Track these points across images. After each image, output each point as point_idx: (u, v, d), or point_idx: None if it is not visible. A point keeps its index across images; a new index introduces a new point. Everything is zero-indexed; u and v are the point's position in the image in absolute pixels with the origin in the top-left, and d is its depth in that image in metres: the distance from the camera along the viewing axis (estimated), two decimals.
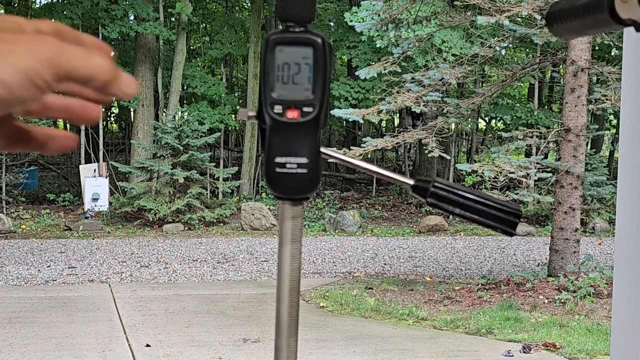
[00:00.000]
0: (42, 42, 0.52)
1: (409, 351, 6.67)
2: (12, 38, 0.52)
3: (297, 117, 0.72)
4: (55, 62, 0.52)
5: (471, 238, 15.06)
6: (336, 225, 15.62)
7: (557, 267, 9.46)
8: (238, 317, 7.81)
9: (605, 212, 16.48)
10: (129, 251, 12.65)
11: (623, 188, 2.33)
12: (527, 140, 10.04)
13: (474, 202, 0.76)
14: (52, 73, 0.52)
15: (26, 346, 6.60)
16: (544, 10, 8.88)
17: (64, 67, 0.52)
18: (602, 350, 6.74)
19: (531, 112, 18.52)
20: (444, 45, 13.81)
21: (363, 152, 10.01)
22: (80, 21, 18.45)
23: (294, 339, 0.77)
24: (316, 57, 0.72)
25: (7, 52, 0.51)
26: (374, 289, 9.55)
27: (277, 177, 0.73)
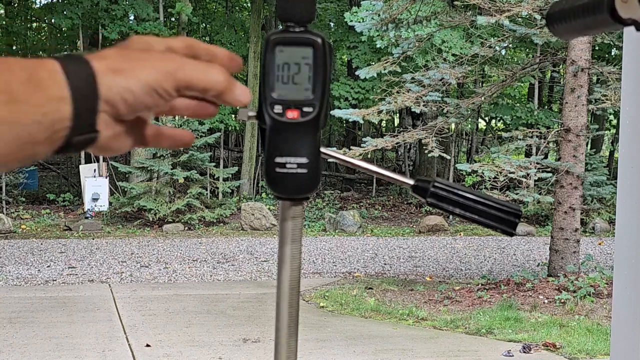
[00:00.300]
0: (166, 59, 0.64)
1: (409, 351, 6.67)
2: (143, 56, 0.64)
3: (297, 117, 0.72)
4: (175, 75, 0.63)
5: (471, 238, 15.06)
6: (336, 225, 15.63)
7: (557, 267, 9.46)
8: (238, 317, 7.81)
9: (605, 212, 16.48)
10: (129, 251, 12.65)
11: (623, 188, 2.33)
12: (527, 140, 10.04)
13: (474, 202, 0.76)
14: (173, 84, 0.63)
15: (26, 346, 6.60)
16: (544, 10, 8.88)
17: (183, 79, 0.64)
18: (602, 350, 6.74)
19: (531, 112, 18.53)
20: (444, 45, 13.81)
21: (363, 152, 10.01)
22: (80, 21, 18.45)
23: (294, 339, 0.77)
24: (316, 57, 0.72)
25: (137, 68, 0.62)
26: (374, 289, 9.55)
27: (277, 177, 0.73)
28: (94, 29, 19.63)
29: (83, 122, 0.61)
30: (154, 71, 0.63)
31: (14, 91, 0.58)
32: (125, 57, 0.63)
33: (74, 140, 0.62)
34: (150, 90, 0.63)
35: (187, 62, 0.65)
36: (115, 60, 0.63)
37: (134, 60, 0.63)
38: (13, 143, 0.58)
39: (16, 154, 0.59)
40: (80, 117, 0.61)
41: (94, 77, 0.61)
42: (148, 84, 0.62)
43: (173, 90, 0.64)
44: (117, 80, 0.62)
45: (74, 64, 0.61)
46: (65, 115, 0.60)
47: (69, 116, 0.60)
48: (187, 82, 0.64)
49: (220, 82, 0.66)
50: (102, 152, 0.66)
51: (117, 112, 0.63)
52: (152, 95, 0.63)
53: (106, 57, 0.63)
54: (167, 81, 0.63)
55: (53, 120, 0.59)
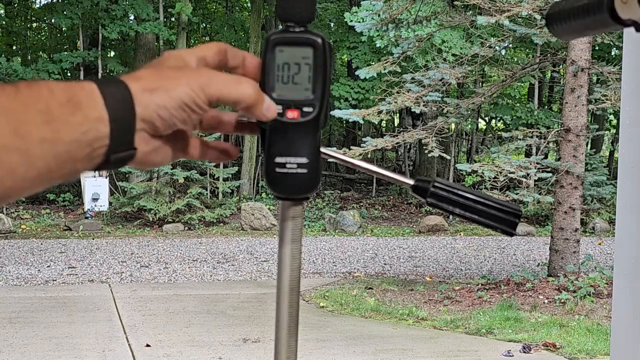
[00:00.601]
0: (197, 74, 0.68)
1: (409, 351, 6.67)
2: (175, 74, 0.67)
3: (297, 117, 0.72)
4: (206, 89, 0.67)
5: (471, 238, 15.06)
6: (336, 225, 15.63)
7: (557, 267, 9.46)
8: (238, 317, 7.81)
9: (605, 212, 16.48)
10: (129, 251, 12.65)
11: (623, 188, 2.33)
12: (527, 140, 10.04)
13: (474, 202, 0.76)
14: (204, 99, 0.67)
15: (26, 346, 6.60)
16: (544, 10, 8.88)
17: (214, 93, 0.67)
18: (602, 350, 6.74)
19: (531, 112, 18.53)
20: (444, 45, 13.81)
21: (363, 152, 10.01)
22: (80, 21, 18.45)
23: (294, 339, 0.77)
24: (316, 57, 0.72)
25: (169, 86, 0.66)
26: (374, 289, 9.55)
27: (277, 177, 0.73)
28: (94, 29, 19.63)
29: (121, 140, 0.64)
30: (186, 88, 0.66)
31: (54, 112, 0.61)
32: (158, 76, 0.67)
33: (112, 158, 0.65)
34: (183, 106, 0.66)
35: (217, 76, 0.68)
36: (149, 80, 0.66)
37: (167, 79, 0.66)
38: (54, 161, 0.61)
39: (57, 171, 0.62)
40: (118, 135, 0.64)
41: (131, 97, 0.64)
42: (181, 100, 0.66)
43: (205, 105, 0.67)
44: (151, 98, 0.65)
45: (111, 86, 0.64)
46: (103, 134, 0.63)
47: (107, 135, 0.63)
48: (218, 96, 0.68)
49: (249, 95, 0.69)
50: (142, 166, 0.69)
51: (153, 128, 0.66)
52: (185, 111, 0.66)
53: (141, 77, 0.66)
54: (199, 97, 0.66)
55: (92, 139, 0.62)
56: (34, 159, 0.60)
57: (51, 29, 23.72)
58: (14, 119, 0.59)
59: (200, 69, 0.69)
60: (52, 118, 0.60)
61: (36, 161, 0.60)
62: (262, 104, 0.70)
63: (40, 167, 0.61)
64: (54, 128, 0.60)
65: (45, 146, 0.60)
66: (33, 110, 0.60)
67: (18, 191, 0.61)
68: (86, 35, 20.35)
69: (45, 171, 0.61)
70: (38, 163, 0.60)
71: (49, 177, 0.62)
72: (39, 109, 0.60)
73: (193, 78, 0.67)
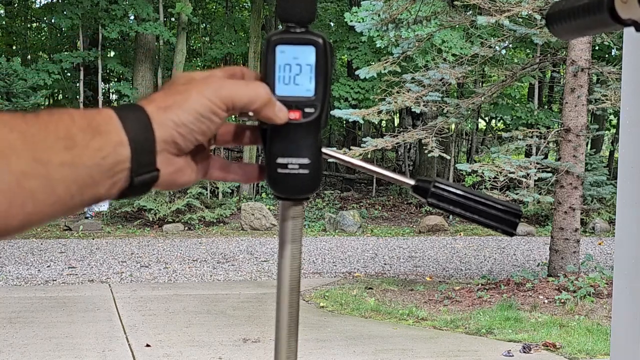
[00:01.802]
0: (206, 82, 0.68)
1: (409, 351, 6.67)
2: (185, 87, 0.68)
3: (299, 118, 0.72)
4: (219, 94, 0.67)
5: (471, 238, 15.06)
6: (336, 225, 15.62)
7: (557, 267, 9.46)
8: (238, 317, 7.81)
9: (605, 212, 16.48)
10: (129, 251, 12.65)
11: (623, 188, 2.33)
12: (527, 140, 10.04)
13: (474, 202, 0.76)
14: (219, 104, 0.67)
15: (26, 346, 6.60)
16: (544, 10, 8.88)
17: (227, 96, 0.67)
18: (602, 350, 6.74)
19: (531, 112, 18.53)
20: (444, 45, 13.81)
21: (363, 152, 10.01)
22: (80, 21, 18.45)
23: (294, 339, 0.77)
24: (317, 57, 0.72)
25: (181, 100, 0.66)
26: (374, 289, 9.55)
27: (278, 178, 0.73)
28: (94, 29, 19.62)
29: (142, 162, 0.65)
30: (198, 97, 0.67)
31: (75, 137, 0.62)
32: (169, 94, 0.67)
33: (136, 181, 0.66)
34: (199, 116, 0.66)
35: (226, 81, 0.69)
36: (161, 99, 0.67)
37: (178, 94, 0.67)
38: (74, 186, 0.62)
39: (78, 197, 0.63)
40: (139, 157, 0.65)
41: (148, 118, 0.65)
42: (196, 111, 0.66)
43: (221, 110, 0.67)
44: (167, 116, 0.66)
45: (127, 110, 0.65)
46: (124, 158, 0.64)
47: (128, 157, 0.64)
48: (232, 98, 0.68)
49: (262, 94, 0.69)
50: (169, 187, 0.70)
51: (175, 146, 0.67)
52: (203, 121, 0.67)
53: (154, 99, 0.67)
54: (213, 102, 0.67)
55: (112, 163, 0.63)
56: (55, 184, 0.61)
57: (51, 29, 23.72)
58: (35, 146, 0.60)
59: (207, 78, 0.69)
60: (72, 144, 0.61)
61: (57, 186, 0.61)
62: (275, 105, 0.70)
63: (60, 192, 0.61)
64: (75, 154, 0.61)
65: (66, 171, 0.61)
66: (53, 136, 0.61)
67: (40, 217, 0.61)
68: (86, 35, 20.35)
69: (66, 197, 0.62)
70: (59, 188, 0.61)
71: (71, 203, 0.62)
72: (59, 136, 0.61)
73: (203, 86, 0.67)
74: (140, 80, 18.53)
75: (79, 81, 19.17)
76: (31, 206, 0.60)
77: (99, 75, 19.15)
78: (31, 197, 0.60)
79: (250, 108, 0.69)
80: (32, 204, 0.60)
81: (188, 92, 0.67)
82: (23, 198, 0.59)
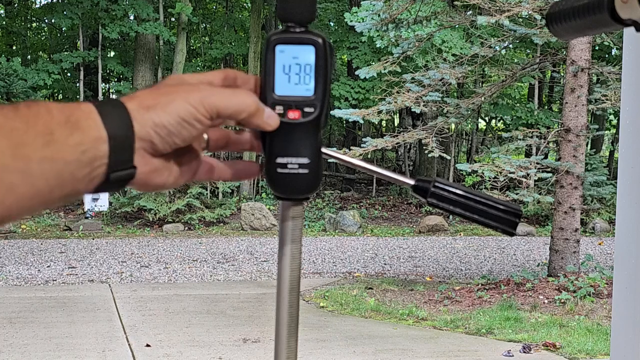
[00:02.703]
0: (194, 89, 0.67)
1: (409, 351, 6.67)
2: (171, 90, 0.67)
3: (299, 118, 0.72)
4: (205, 103, 0.66)
5: (471, 238, 15.06)
6: (336, 225, 15.62)
7: (557, 267, 9.46)
8: (238, 317, 7.81)
9: (605, 212, 16.48)
10: (129, 251, 12.65)
11: (623, 188, 2.33)
12: (527, 140, 10.04)
13: (474, 202, 0.76)
14: (204, 112, 0.66)
15: (26, 346, 6.60)
16: (544, 10, 8.88)
17: (213, 106, 0.66)
18: (602, 350, 6.74)
19: (531, 112, 18.53)
20: (444, 45, 13.81)
21: (363, 152, 10.01)
22: (80, 21, 18.45)
23: (294, 339, 0.77)
24: (317, 57, 0.72)
25: (166, 102, 0.66)
26: (374, 289, 9.55)
27: (278, 178, 0.73)
28: (94, 29, 19.62)
29: (119, 159, 0.64)
30: (183, 102, 0.66)
31: (54, 133, 0.62)
32: (154, 94, 0.67)
33: (112, 177, 0.65)
34: (182, 122, 0.66)
35: (214, 89, 0.68)
36: (145, 97, 0.66)
37: (163, 95, 0.66)
38: (54, 181, 0.62)
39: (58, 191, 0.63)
40: (117, 153, 0.64)
41: (128, 115, 0.64)
42: (178, 116, 0.65)
43: (204, 118, 0.67)
44: (148, 116, 0.65)
45: (108, 105, 0.65)
46: (102, 153, 0.63)
47: (106, 154, 0.64)
48: (217, 107, 0.67)
49: (249, 104, 0.68)
50: (145, 188, 0.69)
51: (153, 147, 0.66)
52: (184, 127, 0.66)
53: (137, 96, 0.66)
54: (197, 109, 0.66)
55: (91, 158, 0.63)
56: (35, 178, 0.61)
57: (51, 29, 23.73)
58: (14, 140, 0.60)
59: (197, 85, 0.69)
60: (52, 139, 0.61)
61: (37, 181, 0.61)
62: (263, 113, 0.70)
63: (40, 186, 0.61)
64: (55, 149, 0.61)
65: (46, 166, 0.61)
66: (33, 131, 0.61)
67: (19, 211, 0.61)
68: (86, 35, 20.35)
69: (46, 191, 0.62)
70: (38, 182, 0.61)
71: (50, 197, 0.62)
72: (38, 130, 0.61)
73: (191, 93, 0.67)
74: (140, 80, 18.52)
75: (79, 81, 19.17)
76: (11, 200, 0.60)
77: (99, 75, 19.15)
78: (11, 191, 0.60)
79: (237, 118, 0.68)
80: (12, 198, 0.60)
81: (173, 95, 0.66)
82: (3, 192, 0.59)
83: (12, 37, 23.04)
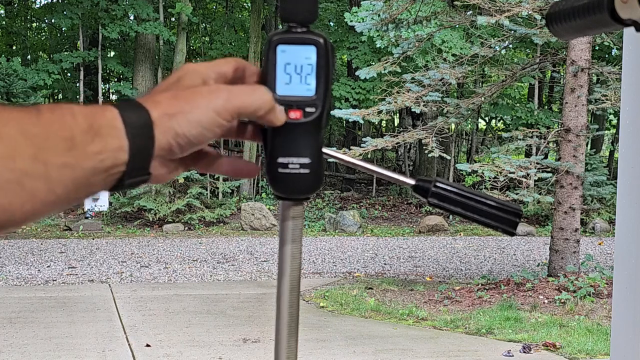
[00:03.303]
0: (215, 93, 0.67)
1: (409, 351, 6.67)
2: (192, 94, 0.67)
3: (300, 117, 0.72)
4: (228, 107, 0.66)
5: (471, 238, 15.06)
6: (336, 225, 15.62)
7: (557, 267, 9.46)
8: (238, 317, 7.81)
9: (605, 212, 16.48)
10: (129, 251, 12.65)
11: (623, 188, 2.33)
12: (527, 140, 10.04)
13: (475, 202, 0.76)
14: (227, 116, 0.67)
15: (26, 346, 6.60)
16: (544, 10, 8.88)
17: (234, 108, 0.67)
18: (602, 350, 6.74)
19: (531, 112, 18.53)
20: (444, 45, 13.82)
21: (363, 152, 10.01)
22: (80, 21, 18.45)
23: (294, 339, 0.77)
24: (318, 57, 0.72)
25: (188, 110, 0.65)
26: (374, 289, 9.55)
27: (279, 178, 0.73)
28: (94, 29, 19.62)
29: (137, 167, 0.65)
30: (206, 110, 0.66)
31: (76, 139, 0.61)
32: (176, 100, 0.66)
33: (126, 182, 0.66)
34: (202, 129, 0.66)
35: (234, 90, 0.68)
36: (168, 104, 0.66)
37: (185, 101, 0.66)
38: (72, 185, 0.62)
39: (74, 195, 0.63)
40: (135, 162, 0.64)
41: (151, 124, 0.64)
42: (200, 124, 0.66)
43: (227, 122, 0.67)
44: (171, 124, 0.65)
45: (132, 113, 0.64)
46: (121, 162, 0.64)
47: (125, 162, 0.64)
48: (239, 109, 0.67)
49: (267, 101, 0.69)
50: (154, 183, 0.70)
51: (171, 154, 0.67)
52: (204, 133, 0.66)
53: (160, 101, 0.66)
54: (220, 115, 0.66)
55: (109, 166, 0.63)
56: (54, 184, 0.61)
57: (51, 29, 23.73)
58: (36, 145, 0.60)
59: (217, 87, 0.69)
60: (73, 145, 0.61)
61: (56, 186, 0.61)
62: (277, 109, 0.70)
63: (59, 192, 0.61)
64: (75, 155, 0.61)
65: (66, 172, 0.61)
66: (55, 137, 0.61)
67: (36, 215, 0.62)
68: (86, 35, 20.35)
69: (64, 196, 0.62)
70: (57, 188, 0.61)
71: (67, 200, 0.63)
72: (61, 136, 0.61)
73: (213, 97, 0.67)
74: (140, 80, 18.53)
75: (79, 81, 19.17)
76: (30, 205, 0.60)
77: (99, 75, 19.16)
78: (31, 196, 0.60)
79: (255, 115, 0.69)
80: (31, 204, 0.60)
81: (195, 100, 0.66)
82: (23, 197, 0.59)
83: (12, 37, 23.04)
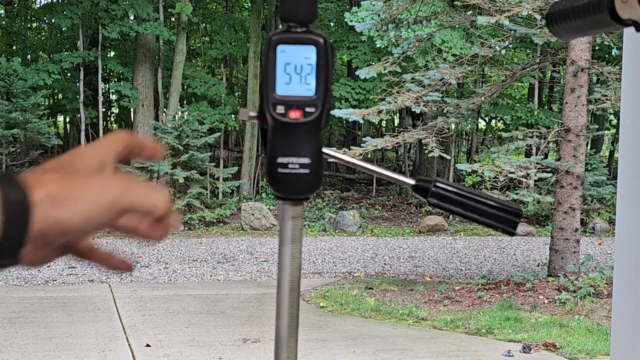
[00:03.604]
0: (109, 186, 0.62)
1: (409, 351, 6.67)
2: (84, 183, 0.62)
3: (300, 117, 0.72)
4: (117, 204, 0.62)
5: (471, 238, 15.06)
6: (336, 225, 15.62)
7: (557, 267, 9.46)
8: (238, 317, 7.81)
9: (605, 212, 16.48)
10: (128, 251, 12.65)
11: (623, 188, 2.33)
12: (527, 140, 10.04)
13: (475, 202, 0.76)
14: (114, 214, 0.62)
15: (26, 346, 6.60)
16: (544, 10, 8.88)
17: (126, 205, 0.62)
18: (602, 350, 6.74)
19: (531, 112, 18.53)
20: (444, 45, 13.81)
21: (363, 152, 10.01)
22: (80, 21, 18.44)
23: (294, 339, 0.77)
24: (318, 57, 0.72)
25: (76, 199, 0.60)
26: (374, 289, 9.55)
27: (279, 178, 0.73)
28: (94, 29, 19.62)
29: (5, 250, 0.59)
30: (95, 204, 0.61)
31: None
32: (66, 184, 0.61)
33: None
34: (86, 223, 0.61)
35: (131, 186, 0.63)
36: (55, 187, 0.60)
37: (74, 188, 0.61)
38: None
39: None
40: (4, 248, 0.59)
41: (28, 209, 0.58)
42: (85, 217, 0.60)
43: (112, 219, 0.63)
44: (53, 211, 0.59)
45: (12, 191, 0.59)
46: None
47: None
48: (131, 207, 0.63)
49: (163, 206, 0.65)
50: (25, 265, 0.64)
51: (46, 241, 0.61)
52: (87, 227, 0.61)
53: (46, 182, 0.60)
54: (106, 212, 0.61)
55: None
56: None
57: (51, 29, 23.73)
58: None
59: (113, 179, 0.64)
60: None
61: None
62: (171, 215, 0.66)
63: None
64: None
65: None
66: None
67: None
68: (86, 35, 20.35)
69: None
70: None
71: None
72: None
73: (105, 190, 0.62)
74: (140, 80, 18.53)
75: (79, 81, 19.17)
76: None
77: (99, 75, 19.16)
78: None
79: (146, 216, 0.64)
80: None
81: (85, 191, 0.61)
82: None
83: (12, 37, 23.04)
